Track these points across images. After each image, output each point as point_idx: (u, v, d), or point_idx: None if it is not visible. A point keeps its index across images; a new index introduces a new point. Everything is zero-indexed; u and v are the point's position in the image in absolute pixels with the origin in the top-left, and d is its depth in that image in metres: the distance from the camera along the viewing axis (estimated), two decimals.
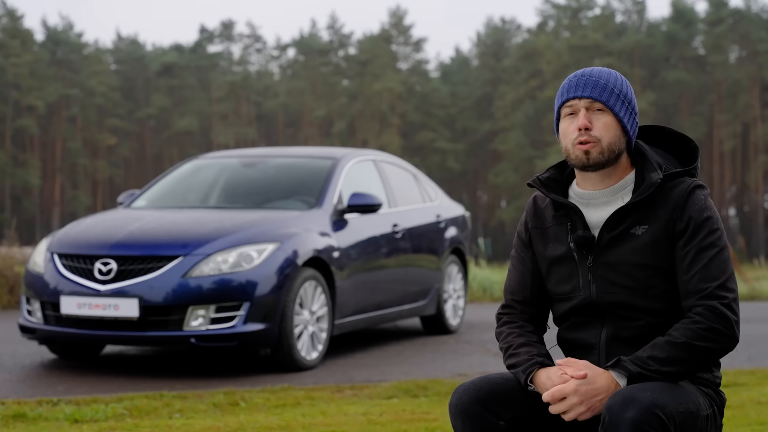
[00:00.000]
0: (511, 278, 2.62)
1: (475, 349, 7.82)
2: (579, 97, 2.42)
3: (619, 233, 2.42)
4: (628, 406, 2.17)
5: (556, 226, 2.52)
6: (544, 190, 2.52)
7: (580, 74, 2.45)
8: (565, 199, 2.50)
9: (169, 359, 7.15)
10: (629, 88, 2.46)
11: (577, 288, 2.47)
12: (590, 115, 2.41)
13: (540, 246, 2.55)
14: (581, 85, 2.43)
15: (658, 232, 2.39)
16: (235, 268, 6.31)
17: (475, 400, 2.35)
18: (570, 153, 2.44)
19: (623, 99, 2.43)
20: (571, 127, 2.44)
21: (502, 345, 2.54)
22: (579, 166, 2.44)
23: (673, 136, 2.56)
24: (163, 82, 72.94)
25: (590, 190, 2.48)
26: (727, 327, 2.30)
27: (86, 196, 68.65)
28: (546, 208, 2.55)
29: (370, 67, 69.09)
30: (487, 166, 70.73)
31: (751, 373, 6.48)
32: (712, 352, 2.31)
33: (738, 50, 65.02)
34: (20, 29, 66.91)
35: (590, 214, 2.47)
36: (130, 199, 7.74)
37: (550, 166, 2.59)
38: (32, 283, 6.64)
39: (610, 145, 2.41)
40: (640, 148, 2.49)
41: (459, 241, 8.92)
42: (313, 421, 4.79)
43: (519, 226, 2.63)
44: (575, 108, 2.44)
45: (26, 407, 5.00)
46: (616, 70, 31.13)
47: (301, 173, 7.62)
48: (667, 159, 2.51)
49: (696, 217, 2.37)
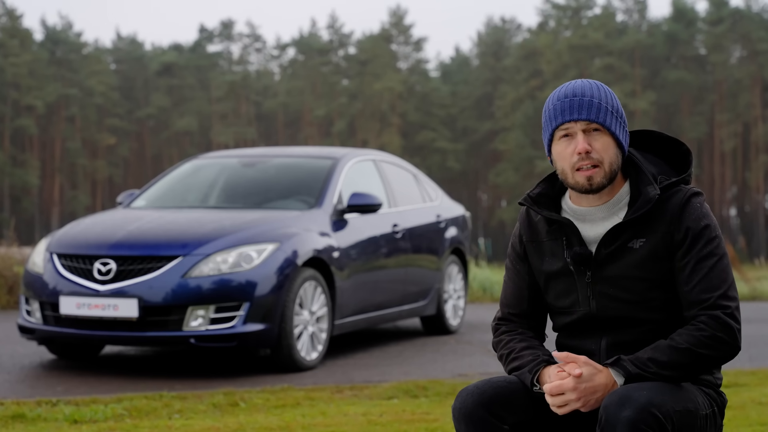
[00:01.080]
0: (507, 291, 2.59)
1: (476, 349, 7.81)
2: (575, 120, 2.38)
3: (616, 248, 2.40)
4: (624, 405, 2.16)
5: (550, 241, 2.49)
6: (536, 208, 2.49)
7: (571, 94, 2.39)
8: (558, 215, 2.47)
9: (169, 360, 7.13)
10: (615, 98, 2.43)
11: (577, 303, 2.46)
12: (588, 137, 2.38)
13: (536, 260, 2.53)
14: (575, 107, 2.38)
15: (656, 245, 2.38)
16: (234, 269, 6.30)
17: (479, 404, 2.34)
18: (569, 178, 2.40)
19: (616, 114, 2.40)
20: (567, 151, 2.39)
21: (503, 351, 2.52)
22: (581, 191, 2.40)
23: (663, 139, 2.53)
24: (163, 82, 72.93)
25: (585, 206, 2.46)
26: (730, 336, 2.30)
27: (85, 196, 68.64)
28: (539, 222, 2.52)
29: (370, 66, 69.08)
30: (487, 166, 70.74)
31: (752, 373, 6.47)
32: (712, 360, 2.31)
33: (739, 50, 65.01)
34: (19, 29, 66.89)
35: (586, 230, 2.45)
36: (130, 199, 7.72)
37: (540, 181, 2.55)
38: (31, 283, 6.63)
39: (611, 165, 2.38)
40: (632, 158, 2.46)
41: (459, 241, 8.90)
42: (312, 421, 4.78)
43: (513, 237, 2.60)
44: (571, 131, 2.39)
45: (25, 408, 4.99)
46: (617, 69, 31.27)
47: (300, 173, 7.60)
48: (659, 165, 2.49)
49: (693, 227, 2.36)
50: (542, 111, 2.48)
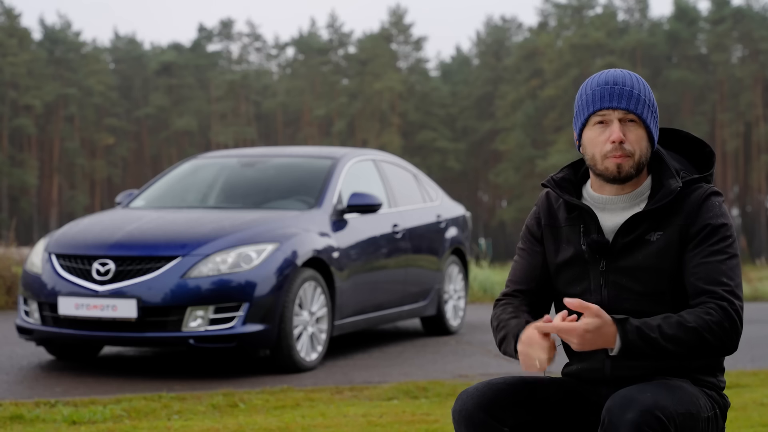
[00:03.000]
0: (517, 269, 2.56)
1: (476, 350, 7.79)
2: (613, 108, 2.37)
3: (633, 239, 2.39)
4: (627, 408, 2.15)
5: (568, 227, 2.48)
6: (558, 191, 2.48)
7: (612, 82, 2.38)
8: (579, 201, 2.47)
9: (168, 360, 7.12)
10: (651, 92, 2.43)
11: (588, 291, 2.44)
12: (623, 127, 2.37)
13: (551, 244, 2.52)
14: (616, 96, 2.37)
15: (672, 238, 2.37)
16: (234, 269, 6.28)
17: (479, 406, 2.33)
18: (598, 164, 2.39)
19: (652, 108, 2.40)
20: (601, 138, 2.38)
21: (494, 324, 2.49)
22: (609, 178, 2.40)
23: (688, 140, 2.53)
24: (162, 82, 72.95)
25: (607, 195, 2.45)
26: (733, 330, 2.28)
27: (84, 196, 68.65)
28: (559, 208, 2.52)
29: (370, 66, 69.11)
30: (487, 165, 70.79)
31: (754, 374, 6.47)
32: (712, 348, 2.27)
33: (740, 49, 65.02)
34: (18, 28, 66.90)
35: (605, 219, 2.45)
36: (129, 199, 7.70)
37: (564, 166, 2.55)
38: (30, 283, 6.61)
39: (641, 157, 2.38)
40: (658, 152, 2.46)
41: (459, 241, 8.88)
42: (312, 422, 4.77)
43: (529, 219, 2.58)
44: (607, 118, 2.38)
45: (24, 409, 4.97)
46: (618, 69, 31.72)
47: (300, 173, 7.59)
48: (682, 164, 2.49)
49: (711, 223, 2.36)
50: (577, 95, 2.46)
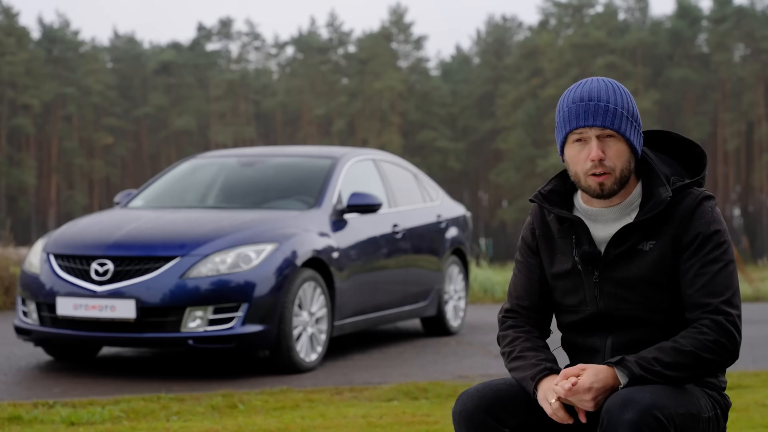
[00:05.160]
0: (517, 283, 2.57)
1: (476, 350, 7.77)
2: (590, 126, 2.35)
3: (626, 249, 2.39)
4: (626, 408, 2.15)
5: (561, 239, 2.48)
6: (547, 206, 2.47)
7: (586, 98, 2.35)
8: (569, 213, 2.46)
9: (167, 361, 7.10)
10: (631, 99, 2.39)
11: (584, 302, 2.45)
12: (602, 144, 2.35)
13: (546, 255, 2.52)
14: (590, 113, 2.34)
15: (665, 248, 2.36)
16: (233, 269, 6.26)
17: (479, 407, 2.33)
18: (581, 181, 2.39)
19: (631, 119, 2.36)
20: (581, 156, 2.37)
21: (506, 348, 2.51)
22: (593, 195, 2.39)
23: (678, 141, 2.50)
24: (161, 81, 72.96)
25: (597, 207, 2.44)
26: (732, 343, 2.29)
27: (82, 196, 68.64)
28: (552, 220, 2.51)
29: (370, 65, 69.12)
30: (488, 165, 70.80)
31: (756, 375, 6.46)
32: (713, 365, 2.29)
33: (742, 48, 65.01)
34: (16, 27, 66.89)
35: (596, 230, 2.44)
36: (127, 199, 7.68)
37: (552, 177, 2.53)
38: (28, 284, 6.58)
39: (623, 171, 2.36)
40: (645, 158, 2.44)
41: (460, 241, 8.86)
42: (312, 423, 4.76)
43: (525, 230, 2.58)
44: (585, 136, 2.36)
45: (22, 409, 4.97)
46: (619, 68, 30.95)
47: (300, 173, 7.57)
48: (672, 166, 2.46)
49: (703, 231, 2.34)
50: (556, 109, 2.44)
